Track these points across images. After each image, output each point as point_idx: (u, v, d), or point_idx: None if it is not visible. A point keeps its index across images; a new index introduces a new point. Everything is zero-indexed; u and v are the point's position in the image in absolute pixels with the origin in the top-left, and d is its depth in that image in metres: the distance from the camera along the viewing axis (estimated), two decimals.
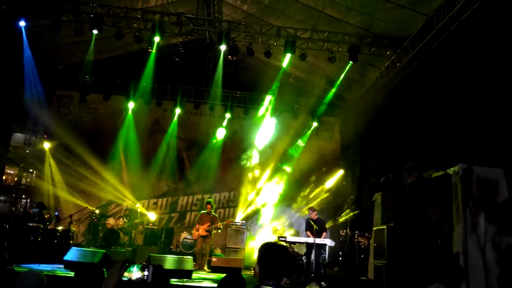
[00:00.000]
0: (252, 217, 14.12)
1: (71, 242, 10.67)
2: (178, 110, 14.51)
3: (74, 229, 11.65)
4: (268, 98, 13.96)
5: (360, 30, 11.04)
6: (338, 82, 12.62)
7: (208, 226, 10.43)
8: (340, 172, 14.18)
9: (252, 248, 12.65)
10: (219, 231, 11.04)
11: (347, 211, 12.94)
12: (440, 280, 5.65)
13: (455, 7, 8.42)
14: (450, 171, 6.98)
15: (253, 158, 14.38)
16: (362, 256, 10.59)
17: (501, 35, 7.23)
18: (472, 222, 6.35)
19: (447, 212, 6.95)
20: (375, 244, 8.21)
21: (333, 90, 13.14)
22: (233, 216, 14.21)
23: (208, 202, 10.98)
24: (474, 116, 7.58)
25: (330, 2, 10.45)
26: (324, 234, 10.03)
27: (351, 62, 11.11)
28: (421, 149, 8.97)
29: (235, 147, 14.98)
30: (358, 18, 10.69)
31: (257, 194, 14.23)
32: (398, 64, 11.22)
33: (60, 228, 10.70)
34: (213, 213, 10.78)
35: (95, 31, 10.95)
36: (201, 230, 10.46)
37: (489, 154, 7.06)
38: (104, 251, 8.67)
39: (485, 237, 6.21)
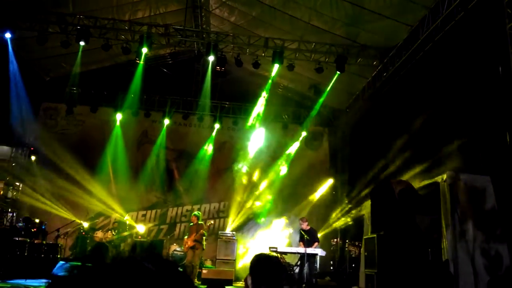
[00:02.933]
0: (243, 228, 14.06)
1: (59, 256, 10.47)
2: (166, 121, 14.48)
3: (61, 243, 11.44)
4: (257, 108, 14.00)
5: (347, 40, 11.18)
6: (326, 92, 12.72)
7: (194, 235, 10.33)
8: (330, 181, 14.24)
9: (243, 259, 12.58)
10: (204, 237, 10.76)
11: (338, 220, 12.97)
12: (431, 287, 5.69)
13: (439, 17, 8.60)
14: (438, 179, 7.06)
15: (242, 168, 14.38)
16: (353, 265, 10.61)
17: (484, 45, 7.39)
18: (461, 230, 6.41)
19: (437, 220, 7.01)
20: (365, 253, 8.23)
21: (321, 99, 13.23)
22: (224, 226, 14.15)
23: (193, 215, 10.88)
24: (460, 123, 7.70)
25: (316, 14, 10.57)
26: (316, 244, 10.01)
27: (338, 72, 11.21)
28: (410, 157, 9.05)
29: (225, 157, 14.96)
30: (344, 29, 10.84)
31: (248, 204, 14.19)
32: (385, 74, 11.36)
33: (47, 242, 10.52)
34: (199, 222, 10.64)
35: (82, 43, 10.89)
36: (189, 242, 10.37)
37: (476, 161, 7.17)
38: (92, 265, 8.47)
39: (474, 244, 6.27)
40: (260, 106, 13.89)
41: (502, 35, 6.55)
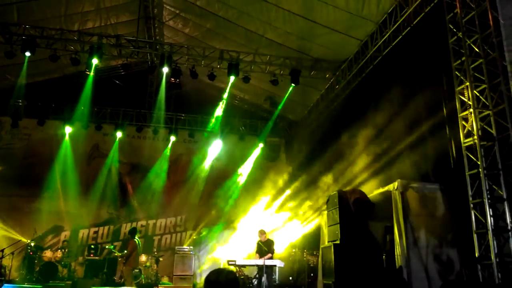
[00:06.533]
0: (201, 242, 13.82)
1: (3, 278, 9.85)
2: (119, 134, 14.08)
3: (6, 264, 10.77)
4: (214, 120, 13.94)
5: (300, 53, 11.41)
6: (281, 104, 12.88)
7: None
8: (287, 192, 14.32)
9: (202, 274, 12.36)
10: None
11: (295, 230, 13.03)
12: None
13: (387, 33, 8.97)
14: (390, 187, 7.28)
15: (199, 181, 14.20)
16: (312, 274, 10.67)
17: (429, 58, 7.77)
18: (413, 236, 6.63)
19: (390, 227, 7.21)
20: (323, 263, 8.31)
21: (277, 111, 13.39)
22: (181, 241, 13.86)
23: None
24: (410, 133, 8.00)
25: (270, 27, 10.73)
26: (269, 255, 9.95)
27: (293, 84, 11.39)
28: (363, 167, 9.30)
29: (181, 170, 14.73)
30: (297, 43, 11.06)
31: (205, 217, 14.00)
32: (337, 86, 11.68)
33: None
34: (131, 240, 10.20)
35: (27, 53, 10.43)
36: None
37: (426, 170, 7.47)
38: (40, 286, 8.11)
39: (427, 250, 6.50)
40: (216, 118, 13.84)
41: (445, 49, 6.91)
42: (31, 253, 11.36)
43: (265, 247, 9.84)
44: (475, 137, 6.12)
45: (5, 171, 12.74)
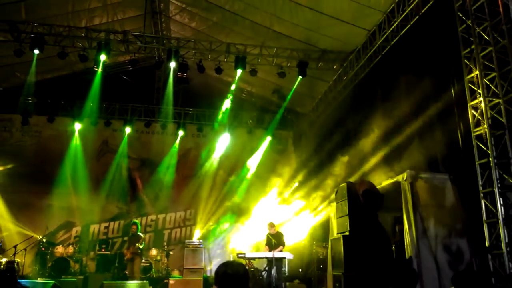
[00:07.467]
0: (210, 235, 13.90)
1: (17, 274, 10.00)
2: (128, 129, 14.15)
3: (19, 260, 10.93)
4: (222, 114, 13.95)
5: (307, 45, 11.33)
6: (289, 96, 12.85)
7: (132, 248, 10.04)
8: (296, 185, 14.31)
9: (211, 268, 12.44)
10: (139, 251, 10.37)
11: (304, 222, 13.04)
12: (396, 284, 5.81)
13: (395, 22, 8.87)
14: (400, 178, 7.24)
15: (208, 174, 14.25)
16: (321, 266, 10.69)
17: (438, 47, 7.67)
18: (422, 227, 6.60)
19: (399, 218, 7.18)
20: (332, 254, 8.30)
21: (285, 104, 13.36)
22: (191, 235, 13.95)
23: (133, 223, 10.56)
24: (419, 123, 7.93)
25: (276, 19, 10.66)
26: (280, 248, 9.98)
27: (300, 76, 11.34)
28: (372, 158, 9.25)
29: (190, 164, 14.79)
30: (304, 34, 10.98)
31: (214, 211, 14.06)
32: (345, 77, 11.60)
33: (4, 260, 10.02)
34: (138, 233, 10.34)
35: (36, 51, 10.51)
36: (128, 254, 10.09)
37: (435, 160, 7.41)
38: (53, 281, 8.25)
39: (436, 240, 6.47)
40: (224, 112, 13.85)
41: (454, 37, 6.81)
42: (43, 249, 11.52)
43: (274, 240, 9.88)
44: (485, 126, 6.05)
45: (17, 168, 12.90)
